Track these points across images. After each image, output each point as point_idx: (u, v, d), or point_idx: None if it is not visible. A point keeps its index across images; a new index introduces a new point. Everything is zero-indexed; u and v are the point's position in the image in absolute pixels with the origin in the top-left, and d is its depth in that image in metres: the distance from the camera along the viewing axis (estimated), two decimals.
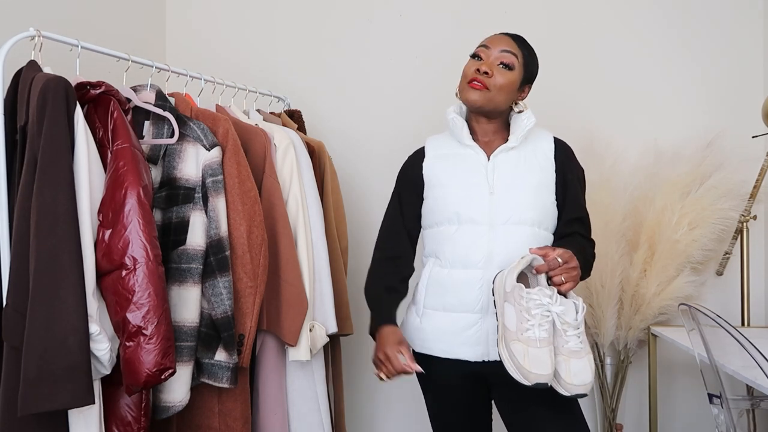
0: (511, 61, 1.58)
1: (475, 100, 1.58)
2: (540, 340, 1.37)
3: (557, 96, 2.50)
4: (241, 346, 1.69)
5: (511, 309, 1.41)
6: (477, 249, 1.55)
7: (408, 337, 1.67)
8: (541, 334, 1.37)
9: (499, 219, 1.56)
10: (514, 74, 1.59)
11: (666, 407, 2.51)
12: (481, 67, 1.57)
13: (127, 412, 1.51)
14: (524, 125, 1.61)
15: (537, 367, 1.34)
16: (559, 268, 1.43)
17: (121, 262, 1.39)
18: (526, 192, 1.58)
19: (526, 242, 1.55)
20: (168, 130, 1.67)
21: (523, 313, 1.38)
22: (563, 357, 1.38)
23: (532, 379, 1.34)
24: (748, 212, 2.32)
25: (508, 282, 1.43)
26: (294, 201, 1.88)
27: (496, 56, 1.58)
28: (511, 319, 1.40)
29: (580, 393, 1.37)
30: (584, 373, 1.37)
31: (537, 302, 1.38)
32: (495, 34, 1.64)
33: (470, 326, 1.56)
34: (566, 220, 1.62)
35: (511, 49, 1.59)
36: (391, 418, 2.70)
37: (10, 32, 1.49)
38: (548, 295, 1.39)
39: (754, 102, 2.40)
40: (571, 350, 1.38)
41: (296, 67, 2.71)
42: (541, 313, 1.38)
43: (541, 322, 1.37)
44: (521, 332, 1.38)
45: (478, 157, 1.61)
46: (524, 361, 1.35)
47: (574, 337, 1.39)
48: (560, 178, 1.62)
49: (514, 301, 1.40)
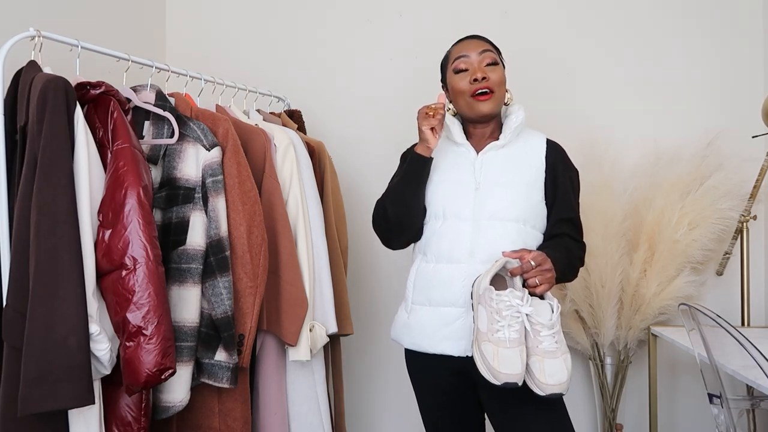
0: (494, 58, 1.64)
1: (489, 111, 1.62)
2: (510, 341, 1.39)
3: (557, 96, 2.50)
4: (241, 346, 1.69)
5: (483, 311, 1.43)
6: (460, 244, 1.57)
7: (397, 333, 1.71)
8: (511, 334, 1.39)
9: (483, 214, 1.58)
10: (500, 67, 1.65)
11: (666, 407, 2.51)
12: (476, 75, 1.60)
13: (127, 412, 1.51)
14: (513, 122, 1.64)
15: (506, 367, 1.36)
16: (533, 270, 1.45)
17: (121, 262, 1.39)
18: (512, 189, 1.59)
19: (510, 239, 1.56)
20: (168, 130, 1.67)
21: (494, 314, 1.41)
22: (537, 357, 1.39)
23: (502, 378, 1.36)
24: (748, 212, 2.32)
25: (481, 285, 1.46)
26: (294, 201, 1.88)
27: (479, 59, 1.62)
28: (482, 320, 1.43)
29: (556, 393, 1.38)
30: (559, 373, 1.39)
31: (507, 303, 1.40)
32: (461, 43, 1.68)
33: (454, 320, 1.57)
34: (555, 220, 1.63)
35: (485, 47, 1.65)
36: (390, 418, 2.70)
37: (10, 32, 1.49)
38: (518, 296, 1.41)
39: (754, 102, 2.40)
40: (545, 350, 1.40)
41: (296, 67, 2.71)
42: (511, 314, 1.40)
43: (510, 323, 1.39)
44: (492, 333, 1.40)
45: (468, 154, 1.65)
46: (494, 361, 1.37)
47: (549, 338, 1.40)
48: (550, 178, 1.63)
49: (485, 303, 1.43)
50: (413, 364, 1.70)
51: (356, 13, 2.68)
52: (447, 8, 2.61)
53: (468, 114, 1.65)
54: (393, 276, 2.55)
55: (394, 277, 2.54)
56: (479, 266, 1.54)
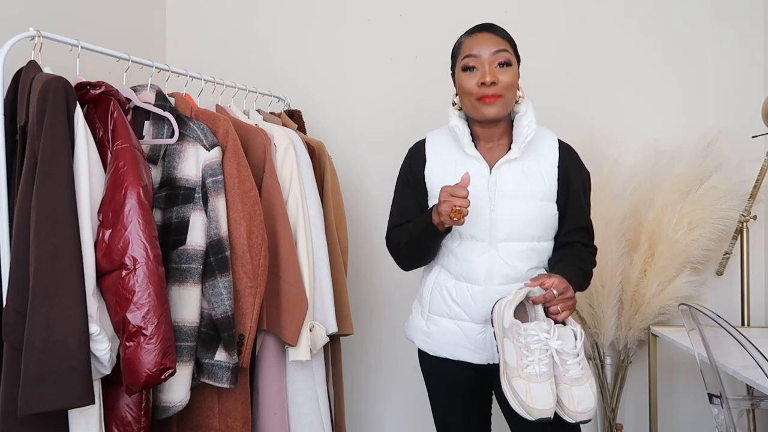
0: (507, 58, 1.55)
1: (495, 114, 1.55)
2: (540, 375, 1.38)
3: (557, 96, 2.50)
4: (241, 346, 1.69)
5: (511, 345, 1.42)
6: (478, 266, 1.57)
7: (412, 335, 1.72)
8: (541, 368, 1.38)
9: (499, 236, 1.56)
10: (513, 67, 1.56)
11: (666, 407, 2.51)
12: (485, 79, 1.52)
13: (127, 412, 1.51)
14: (525, 132, 1.56)
15: (539, 402, 1.36)
16: (555, 299, 1.43)
17: (121, 262, 1.39)
18: (527, 208, 1.56)
19: (526, 256, 1.57)
20: (168, 130, 1.67)
21: (522, 349, 1.39)
22: (565, 385, 1.39)
23: (536, 414, 1.35)
24: (748, 212, 2.32)
25: (506, 317, 1.44)
26: (294, 201, 1.88)
27: (491, 60, 1.54)
28: (511, 355, 1.42)
29: (584, 419, 1.38)
30: (587, 399, 1.38)
31: (535, 338, 1.39)
32: (474, 36, 1.58)
33: (475, 334, 1.59)
34: (568, 229, 1.61)
35: (500, 46, 1.55)
36: (390, 418, 2.70)
37: (10, 32, 1.49)
38: (545, 329, 1.40)
39: (754, 102, 2.40)
40: (572, 378, 1.39)
41: (296, 67, 2.71)
42: (540, 348, 1.38)
43: (540, 357, 1.38)
44: (522, 368, 1.39)
45: (480, 167, 1.58)
46: (527, 398, 1.36)
47: (575, 365, 1.40)
48: (563, 186, 1.60)
49: (512, 337, 1.42)
50: (429, 365, 1.71)
51: (356, 13, 2.68)
52: (447, 8, 2.61)
53: (473, 115, 1.58)
54: (393, 276, 2.55)
55: (394, 277, 2.54)
56: (497, 288, 1.55)
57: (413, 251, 1.63)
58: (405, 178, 1.70)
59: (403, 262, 1.68)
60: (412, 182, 1.68)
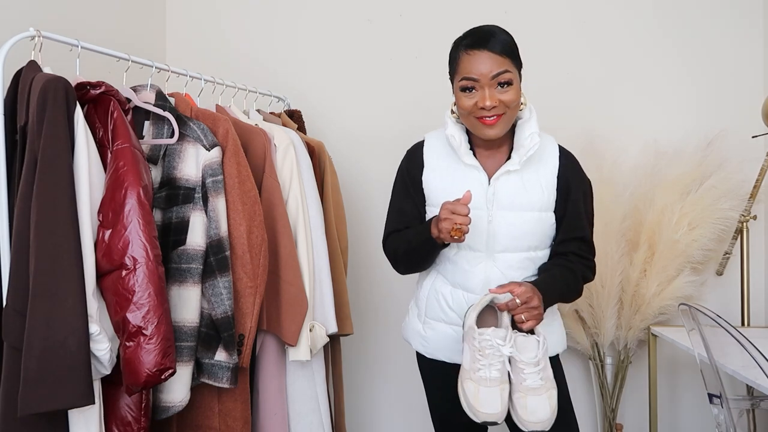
0: (508, 78, 1.48)
1: (496, 135, 1.51)
2: (491, 380, 1.39)
3: (557, 96, 2.50)
4: (241, 346, 1.69)
5: (467, 348, 1.44)
6: (475, 275, 1.57)
7: (410, 337, 1.72)
8: (492, 374, 1.39)
9: (497, 247, 1.55)
10: (515, 85, 1.49)
11: (666, 407, 2.51)
12: (484, 104, 1.46)
13: (127, 412, 1.51)
14: (528, 146, 1.53)
15: (486, 406, 1.37)
16: (519, 307, 1.43)
17: (121, 262, 1.39)
18: (525, 219, 1.55)
19: (523, 266, 1.56)
20: (168, 130, 1.67)
21: (476, 353, 1.41)
22: (521, 394, 1.39)
23: (481, 417, 1.37)
24: (748, 212, 2.32)
25: (467, 321, 1.46)
26: (294, 201, 1.88)
27: (491, 83, 1.47)
28: (466, 357, 1.44)
29: (537, 430, 1.38)
30: (541, 410, 1.38)
31: (489, 343, 1.39)
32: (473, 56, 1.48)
33: None
34: (562, 239, 1.60)
35: (500, 68, 1.47)
36: (391, 418, 2.70)
37: (10, 32, 1.49)
38: (501, 336, 1.40)
39: (754, 102, 2.40)
40: (529, 387, 1.39)
41: (296, 67, 2.71)
42: (493, 353, 1.39)
43: (492, 362, 1.39)
44: (474, 371, 1.41)
45: (479, 177, 1.55)
46: (474, 400, 1.38)
47: (533, 375, 1.39)
48: (562, 196, 1.58)
49: (468, 340, 1.43)
50: (426, 367, 1.71)
51: (357, 13, 2.68)
52: (447, 8, 2.61)
53: (472, 131, 1.55)
54: (393, 276, 2.54)
55: (394, 277, 2.54)
56: None
57: (410, 259, 1.63)
58: (402, 182, 1.67)
59: (400, 267, 1.68)
60: (409, 187, 1.65)
